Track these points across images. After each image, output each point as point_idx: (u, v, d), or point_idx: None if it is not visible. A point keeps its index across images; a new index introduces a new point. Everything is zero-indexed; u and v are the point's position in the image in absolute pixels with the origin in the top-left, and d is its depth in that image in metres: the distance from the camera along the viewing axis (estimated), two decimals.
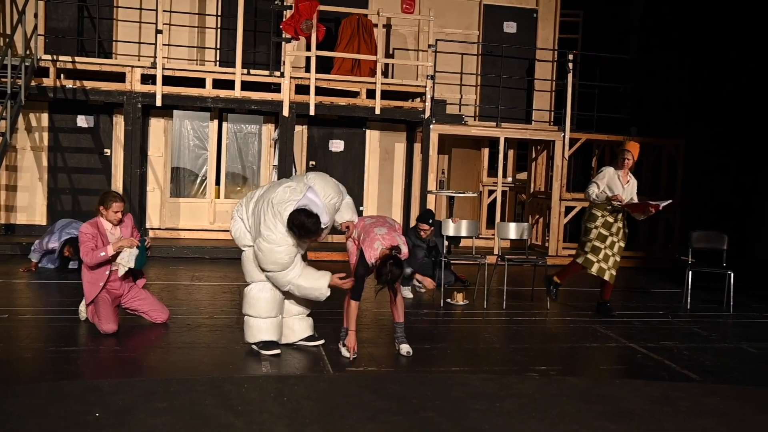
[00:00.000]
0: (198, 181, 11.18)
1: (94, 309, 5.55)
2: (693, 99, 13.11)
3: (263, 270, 5.02)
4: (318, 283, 4.98)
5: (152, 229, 10.78)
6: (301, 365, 5.08)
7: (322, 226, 4.89)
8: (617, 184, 6.98)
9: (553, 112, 12.03)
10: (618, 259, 7.09)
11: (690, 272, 7.93)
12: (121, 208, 5.62)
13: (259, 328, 5.15)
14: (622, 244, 7.11)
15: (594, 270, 7.05)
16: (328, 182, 5.11)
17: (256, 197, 5.13)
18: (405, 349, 5.39)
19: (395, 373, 4.99)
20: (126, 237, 5.65)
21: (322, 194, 4.99)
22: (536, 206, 11.93)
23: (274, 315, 5.18)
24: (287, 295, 5.26)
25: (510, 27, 12.03)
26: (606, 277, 7.07)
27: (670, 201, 7.38)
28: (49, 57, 9.63)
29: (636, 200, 7.09)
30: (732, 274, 7.81)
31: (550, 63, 12.04)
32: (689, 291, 7.94)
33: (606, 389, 4.77)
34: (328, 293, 5.04)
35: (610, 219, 7.02)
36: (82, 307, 5.88)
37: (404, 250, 4.99)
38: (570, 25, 13.17)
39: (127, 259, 5.59)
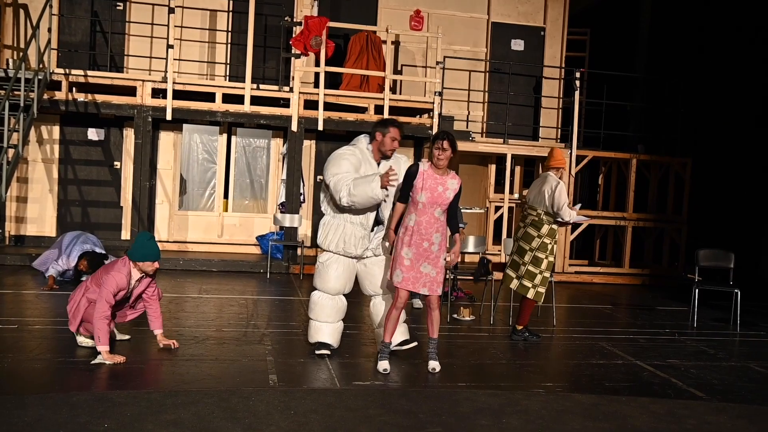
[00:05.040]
0: (206, 194, 11.25)
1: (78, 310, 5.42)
2: (700, 117, 13.14)
3: (330, 178, 5.36)
4: (372, 184, 5.21)
5: (161, 241, 10.83)
6: (308, 379, 5.10)
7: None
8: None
9: (560, 129, 12.09)
10: (548, 275, 6.59)
11: (697, 290, 7.93)
12: (154, 270, 5.46)
13: (317, 330, 5.66)
14: (552, 260, 6.62)
15: (513, 285, 6.62)
16: None
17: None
18: (431, 365, 5.39)
19: (402, 388, 5.01)
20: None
21: None
22: None
23: (332, 321, 5.63)
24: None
25: (517, 44, 12.12)
26: (530, 295, 6.55)
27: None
28: (61, 71, 9.75)
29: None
30: (739, 293, 7.80)
31: (557, 80, 12.11)
32: (696, 309, 7.94)
33: (612, 406, 4.78)
34: (385, 191, 5.23)
35: (547, 240, 6.52)
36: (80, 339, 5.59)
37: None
38: (577, 43, 13.27)
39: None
